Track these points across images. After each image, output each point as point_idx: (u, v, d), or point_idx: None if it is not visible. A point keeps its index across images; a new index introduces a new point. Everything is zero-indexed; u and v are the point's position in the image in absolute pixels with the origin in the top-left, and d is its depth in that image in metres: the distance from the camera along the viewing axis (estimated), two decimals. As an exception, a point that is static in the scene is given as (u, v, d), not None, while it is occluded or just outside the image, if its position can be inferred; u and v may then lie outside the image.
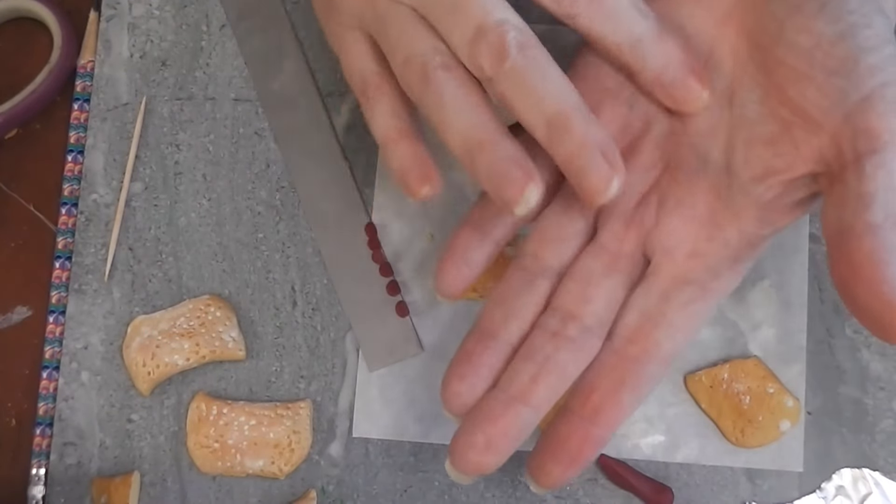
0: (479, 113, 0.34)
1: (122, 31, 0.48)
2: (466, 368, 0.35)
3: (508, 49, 0.33)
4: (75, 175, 0.47)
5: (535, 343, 0.35)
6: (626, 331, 0.35)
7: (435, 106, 0.34)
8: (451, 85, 0.34)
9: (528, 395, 0.34)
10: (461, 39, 0.34)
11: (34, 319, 0.46)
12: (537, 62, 0.33)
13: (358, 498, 0.44)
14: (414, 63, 0.35)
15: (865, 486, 0.43)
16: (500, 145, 0.34)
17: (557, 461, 0.34)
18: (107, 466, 0.45)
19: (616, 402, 0.34)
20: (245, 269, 0.46)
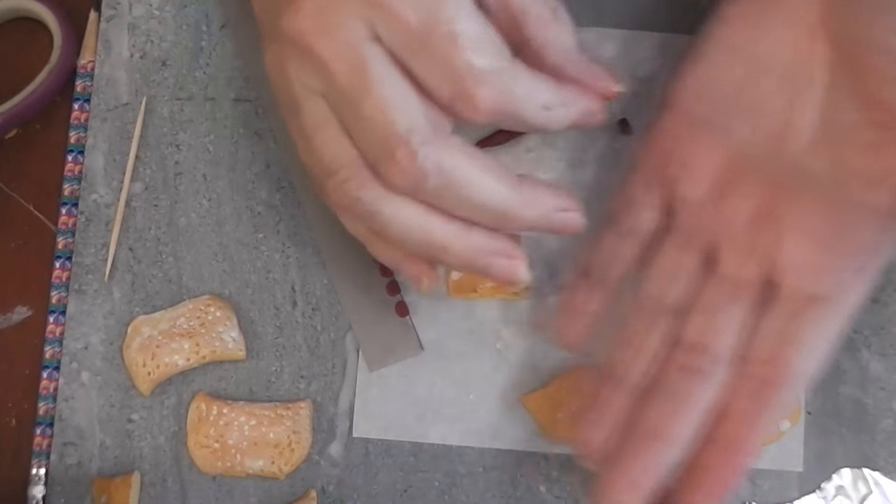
0: (427, 220, 0.34)
1: (122, 31, 0.48)
2: (597, 415, 0.35)
3: (424, 168, 0.33)
4: (75, 175, 0.47)
5: (666, 379, 0.35)
6: (761, 354, 0.35)
7: (377, 223, 0.35)
8: (382, 202, 0.34)
9: (664, 431, 0.34)
10: (367, 149, 0.33)
11: (34, 319, 0.46)
12: (459, 173, 0.33)
13: (358, 498, 0.44)
14: (333, 183, 0.34)
15: (865, 486, 0.43)
16: (462, 243, 0.35)
17: (704, 492, 0.34)
18: (107, 466, 0.45)
19: (757, 427, 0.34)
20: (245, 269, 0.46)
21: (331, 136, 0.34)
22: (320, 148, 0.34)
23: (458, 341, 0.45)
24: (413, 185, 0.33)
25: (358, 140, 0.34)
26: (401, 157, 0.32)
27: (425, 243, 0.35)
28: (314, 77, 0.33)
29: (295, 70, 0.34)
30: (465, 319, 0.45)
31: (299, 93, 0.34)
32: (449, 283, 0.45)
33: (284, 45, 0.34)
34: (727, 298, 0.35)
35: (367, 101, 0.32)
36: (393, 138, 0.32)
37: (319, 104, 0.34)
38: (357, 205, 0.34)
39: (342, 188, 0.34)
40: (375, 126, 0.32)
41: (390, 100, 0.33)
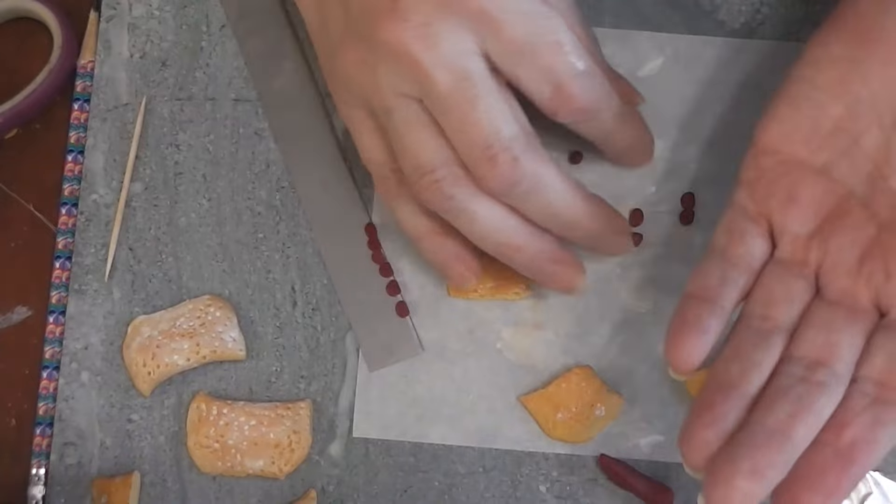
0: (506, 220, 0.39)
1: (122, 31, 0.48)
2: (709, 418, 0.35)
3: (521, 174, 0.37)
4: (75, 175, 0.47)
5: (785, 385, 0.35)
6: (875, 373, 0.35)
7: (461, 220, 0.39)
8: (472, 201, 0.38)
9: (788, 429, 0.34)
10: (469, 154, 0.37)
11: (34, 319, 0.46)
12: (547, 182, 0.38)
13: (358, 498, 0.44)
14: (427, 180, 0.38)
15: (865, 486, 0.42)
16: (534, 246, 0.39)
17: (815, 492, 0.33)
18: (107, 466, 0.45)
19: (873, 439, 0.34)
20: (245, 270, 0.46)
21: (426, 137, 0.37)
22: (414, 147, 0.38)
23: (458, 341, 0.45)
24: (507, 187, 0.37)
25: (458, 143, 0.37)
26: (502, 162, 0.36)
27: (503, 242, 0.39)
28: (411, 83, 0.36)
29: (388, 74, 0.37)
30: (465, 319, 0.45)
31: (390, 96, 0.37)
32: (449, 283, 0.45)
33: (378, 50, 0.37)
34: (841, 320, 0.36)
35: (476, 109, 0.36)
36: (497, 144, 0.36)
37: (413, 107, 0.37)
38: (449, 201, 0.38)
39: (437, 185, 0.38)
40: (480, 132, 0.36)
41: (496, 109, 0.37)
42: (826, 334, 0.36)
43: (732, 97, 0.46)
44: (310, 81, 0.47)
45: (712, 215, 0.45)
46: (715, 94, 0.46)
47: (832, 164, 0.38)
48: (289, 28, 0.47)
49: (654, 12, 0.47)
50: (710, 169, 0.45)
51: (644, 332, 0.44)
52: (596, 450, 0.44)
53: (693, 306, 0.37)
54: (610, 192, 0.45)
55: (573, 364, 0.44)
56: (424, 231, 0.41)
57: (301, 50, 0.47)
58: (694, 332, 0.36)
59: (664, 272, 0.45)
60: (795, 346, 0.36)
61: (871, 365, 0.35)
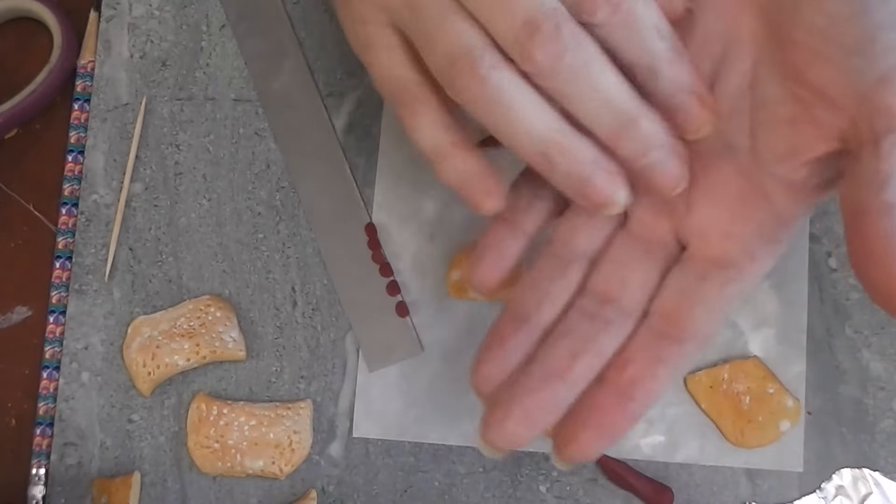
0: (549, 114, 0.34)
1: (122, 31, 0.48)
2: (498, 351, 0.35)
3: (565, 43, 0.32)
4: (75, 175, 0.47)
5: (571, 323, 0.35)
6: (663, 309, 0.35)
7: (499, 111, 0.34)
8: (511, 87, 0.33)
9: (565, 371, 0.34)
10: (508, 31, 0.33)
11: (34, 319, 0.46)
12: (595, 57, 0.33)
13: (358, 498, 0.44)
14: (461, 64, 0.33)
15: (865, 486, 0.43)
16: (580, 148, 0.34)
17: (591, 429, 0.34)
18: (107, 467, 0.45)
19: (652, 376, 0.34)
20: (245, 270, 0.46)
21: (459, 23, 0.34)
22: (448, 36, 0.34)
23: (458, 341, 0.45)
24: (553, 60, 0.32)
25: (496, 21, 0.33)
26: (546, 30, 0.32)
27: (544, 138, 0.34)
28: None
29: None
30: (465, 319, 0.45)
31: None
32: (449, 283, 0.45)
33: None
34: (638, 254, 0.36)
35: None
36: (540, 14, 0.32)
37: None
38: (484, 86, 0.33)
39: (472, 67, 0.33)
40: (519, 4, 0.32)
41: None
42: (620, 269, 0.36)
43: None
44: (310, 81, 0.47)
45: (712, 215, 0.45)
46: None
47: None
48: (289, 28, 0.47)
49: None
50: (710, 169, 0.45)
51: (644, 332, 0.44)
52: (596, 450, 0.44)
53: (497, 227, 0.37)
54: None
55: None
56: (446, 145, 0.36)
57: (301, 50, 0.47)
58: (492, 254, 0.36)
59: (664, 272, 0.45)
60: (591, 279, 0.36)
61: (661, 299, 0.35)
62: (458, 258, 0.45)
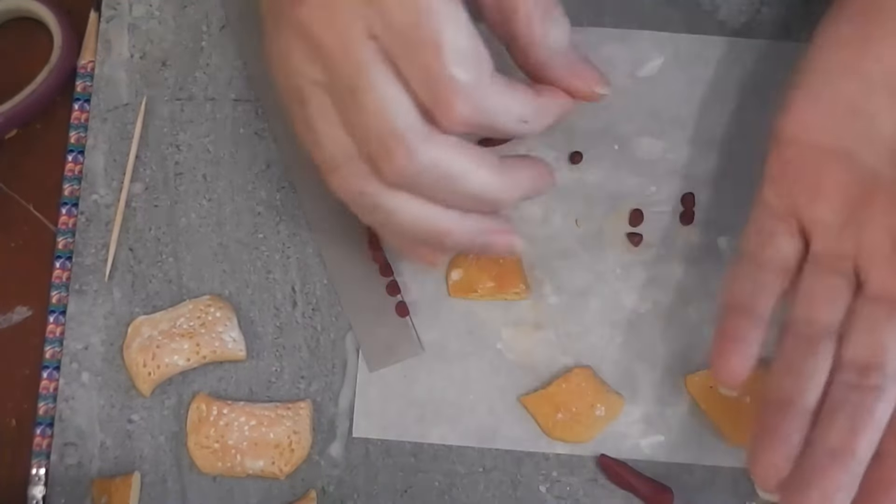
0: (425, 209, 0.36)
1: (122, 31, 0.48)
2: (773, 440, 0.35)
3: (418, 166, 0.34)
4: (75, 175, 0.47)
5: (839, 397, 0.35)
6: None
7: (380, 218, 0.37)
8: (384, 197, 0.36)
9: (850, 445, 0.34)
10: (365, 145, 0.35)
11: (34, 319, 0.46)
12: (451, 167, 0.35)
13: (358, 498, 0.44)
14: (335, 176, 0.36)
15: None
16: (462, 226, 0.37)
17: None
18: (107, 467, 0.45)
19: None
20: (245, 270, 0.46)
21: (332, 129, 0.35)
22: (323, 140, 0.36)
23: (458, 341, 0.45)
24: (409, 180, 0.35)
25: (356, 135, 0.35)
26: (397, 155, 0.34)
27: (428, 231, 0.37)
28: (317, 68, 0.35)
29: (299, 60, 0.35)
30: (465, 319, 0.45)
31: (304, 84, 0.35)
32: (449, 283, 0.45)
33: (290, 36, 0.35)
34: (886, 316, 0.36)
35: (368, 98, 0.34)
36: (390, 136, 0.34)
37: (322, 97, 0.35)
38: (361, 198, 0.36)
39: (346, 182, 0.36)
40: (375, 122, 0.34)
41: (388, 98, 0.34)
42: (872, 334, 0.35)
43: (733, 97, 0.46)
44: (310, 81, 0.47)
45: (712, 215, 0.45)
46: (715, 93, 0.46)
47: (853, 148, 0.37)
48: (289, 28, 0.47)
49: (654, 12, 0.47)
50: (710, 169, 0.45)
51: (644, 332, 0.44)
52: (596, 450, 0.44)
53: (731, 319, 0.37)
54: (610, 191, 0.45)
55: (573, 364, 0.44)
56: (377, 224, 0.39)
57: (301, 50, 0.47)
58: (736, 346, 0.36)
59: (664, 272, 0.45)
60: (845, 350, 0.36)
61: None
62: (458, 258, 0.45)
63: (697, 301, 0.44)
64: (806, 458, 0.34)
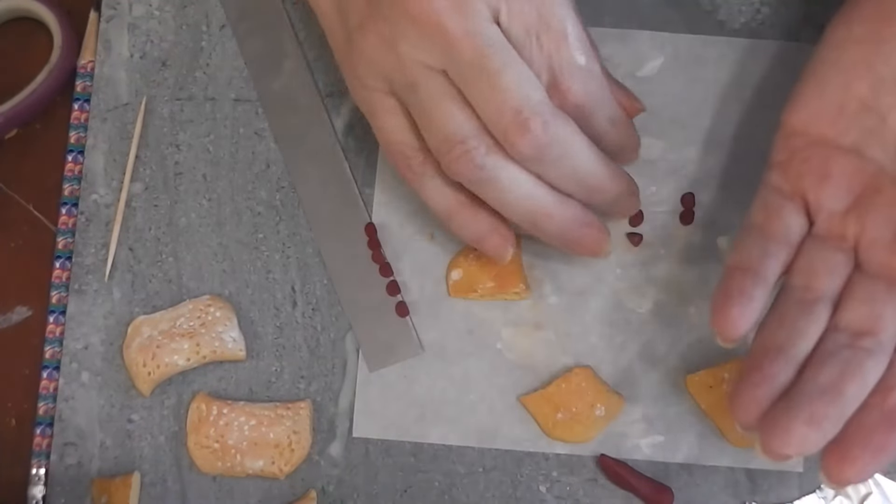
0: (535, 188, 0.39)
1: (122, 31, 0.48)
2: (759, 377, 0.35)
3: (550, 138, 0.37)
4: (75, 175, 0.47)
5: (831, 350, 0.35)
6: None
7: (491, 189, 0.39)
8: (502, 170, 0.38)
9: (839, 386, 0.34)
10: (498, 122, 0.37)
11: (34, 319, 0.46)
12: (573, 143, 0.38)
13: (358, 498, 0.44)
14: (457, 151, 0.38)
15: (865, 486, 0.43)
16: (564, 211, 0.39)
17: (864, 449, 0.34)
18: (107, 466, 0.45)
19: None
20: (245, 270, 0.46)
21: (453, 108, 0.38)
22: (442, 119, 0.38)
23: (458, 341, 0.45)
24: (539, 152, 0.37)
25: (487, 111, 0.37)
26: (534, 126, 0.36)
27: (533, 210, 0.39)
28: (437, 54, 0.37)
29: (411, 48, 0.37)
30: (465, 319, 0.45)
31: (416, 69, 0.37)
32: (449, 283, 0.45)
33: (400, 24, 0.37)
34: (885, 293, 0.36)
35: (503, 76, 0.36)
36: (527, 109, 0.36)
37: (438, 79, 0.37)
38: (479, 171, 0.38)
39: (468, 155, 0.38)
40: (510, 98, 0.36)
41: (523, 76, 0.37)
42: (870, 305, 0.36)
43: (732, 97, 0.46)
44: (310, 81, 0.47)
45: (712, 215, 0.45)
46: (715, 93, 0.46)
47: (861, 143, 0.38)
48: (289, 28, 0.47)
49: (654, 12, 0.47)
50: (710, 169, 0.45)
51: (644, 332, 0.44)
52: (596, 450, 0.44)
53: (736, 277, 0.37)
54: (610, 192, 0.45)
55: (573, 364, 0.44)
56: (456, 206, 0.41)
57: (301, 50, 0.47)
58: (739, 300, 0.36)
59: (664, 272, 0.45)
60: (840, 317, 0.36)
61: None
62: (458, 258, 0.45)
63: (697, 301, 0.44)
64: (792, 393, 0.35)
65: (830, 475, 0.34)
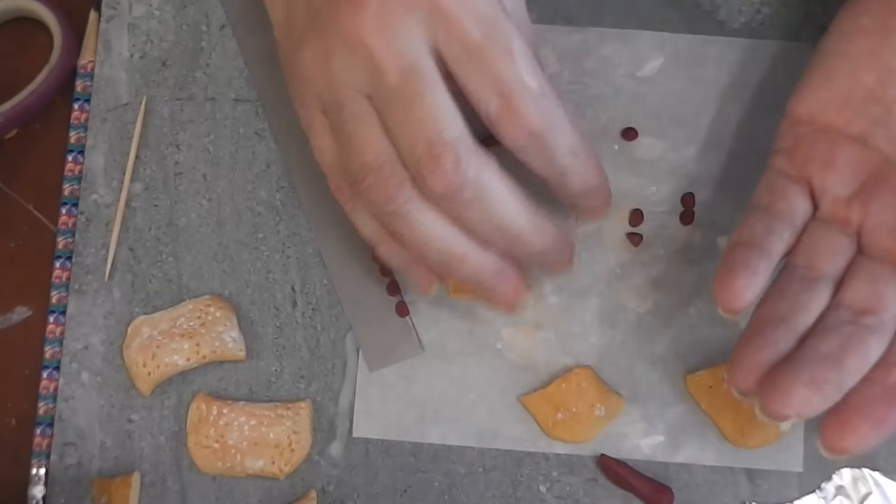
0: (448, 229, 0.36)
1: (122, 31, 0.48)
2: (760, 342, 0.35)
3: (463, 178, 0.35)
4: (75, 175, 0.47)
5: (833, 324, 0.35)
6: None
7: (402, 225, 0.36)
8: (415, 206, 0.36)
9: (840, 356, 0.34)
10: (411, 151, 0.35)
11: (34, 319, 0.46)
12: (492, 186, 0.36)
13: (358, 498, 0.44)
14: (370, 178, 0.36)
15: (865, 486, 0.43)
16: (478, 257, 0.37)
17: (865, 419, 0.33)
18: (107, 467, 0.45)
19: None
20: (245, 270, 0.46)
21: (372, 134, 0.36)
22: (360, 144, 0.36)
23: (458, 341, 0.45)
24: (451, 191, 0.35)
25: (402, 142, 0.35)
26: (446, 163, 0.34)
27: (444, 252, 0.37)
28: (364, 76, 0.35)
29: (342, 67, 0.36)
30: (465, 319, 0.45)
31: (343, 90, 0.36)
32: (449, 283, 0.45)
33: (333, 42, 0.35)
34: (888, 275, 0.36)
35: (421, 105, 0.35)
36: (440, 144, 0.34)
37: (363, 103, 0.36)
38: (391, 203, 0.36)
39: (380, 184, 0.36)
40: (425, 129, 0.34)
41: (443, 107, 0.35)
42: (872, 285, 0.36)
43: (733, 97, 0.46)
44: (310, 81, 0.47)
45: (712, 215, 0.45)
46: (715, 93, 0.46)
47: (867, 132, 0.38)
48: (289, 28, 0.47)
49: (654, 12, 0.47)
50: (710, 169, 0.45)
51: (644, 332, 0.44)
52: (596, 450, 0.44)
53: (741, 251, 0.37)
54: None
55: (573, 364, 0.44)
56: (382, 235, 0.39)
57: (301, 50, 0.47)
58: (743, 272, 0.36)
59: (664, 272, 0.45)
60: (842, 295, 0.36)
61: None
62: (458, 258, 0.45)
63: (697, 301, 0.44)
64: (793, 358, 0.34)
65: (829, 444, 0.34)
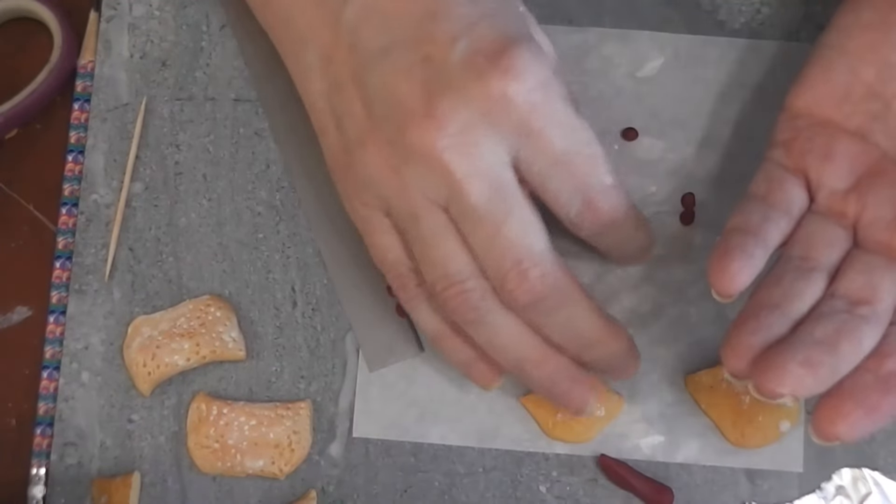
0: (527, 335, 0.38)
1: (122, 31, 0.48)
2: (754, 326, 0.35)
3: (547, 290, 0.36)
4: (75, 175, 0.47)
5: (827, 311, 0.35)
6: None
7: (482, 330, 0.38)
8: (495, 314, 0.37)
9: (834, 342, 0.34)
10: (497, 269, 0.36)
11: (34, 319, 0.46)
12: (571, 296, 0.37)
13: (358, 498, 0.44)
14: (454, 291, 0.37)
15: (865, 486, 0.43)
16: (553, 362, 0.39)
17: (858, 405, 0.33)
18: (107, 467, 0.45)
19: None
20: (245, 270, 0.46)
21: (454, 247, 0.37)
22: (443, 258, 0.37)
23: (458, 341, 0.45)
24: (535, 302, 0.37)
25: (486, 258, 0.37)
26: (533, 277, 0.36)
27: (521, 357, 0.38)
28: (441, 190, 0.36)
29: (415, 178, 0.36)
30: (465, 319, 0.45)
31: (418, 201, 0.37)
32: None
33: (407, 153, 0.36)
34: (883, 267, 0.36)
35: (510, 225, 0.36)
36: (528, 260, 0.36)
37: (441, 216, 0.37)
38: (473, 312, 0.37)
39: (464, 296, 0.37)
40: (512, 248, 0.36)
41: (529, 223, 0.36)
42: (867, 276, 0.36)
43: (733, 97, 0.46)
44: (310, 81, 0.47)
45: (712, 215, 0.45)
46: (715, 93, 0.46)
47: (866, 128, 0.38)
48: (289, 28, 0.47)
49: (654, 12, 0.47)
50: (710, 169, 0.45)
51: (644, 333, 0.44)
52: (596, 450, 0.44)
53: (737, 236, 0.36)
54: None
55: (573, 364, 0.44)
56: (446, 331, 0.40)
57: (301, 50, 0.47)
58: (740, 255, 0.36)
59: (664, 272, 0.45)
60: (837, 285, 0.36)
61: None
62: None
63: (697, 301, 0.44)
64: (787, 340, 0.34)
65: (820, 430, 0.34)
